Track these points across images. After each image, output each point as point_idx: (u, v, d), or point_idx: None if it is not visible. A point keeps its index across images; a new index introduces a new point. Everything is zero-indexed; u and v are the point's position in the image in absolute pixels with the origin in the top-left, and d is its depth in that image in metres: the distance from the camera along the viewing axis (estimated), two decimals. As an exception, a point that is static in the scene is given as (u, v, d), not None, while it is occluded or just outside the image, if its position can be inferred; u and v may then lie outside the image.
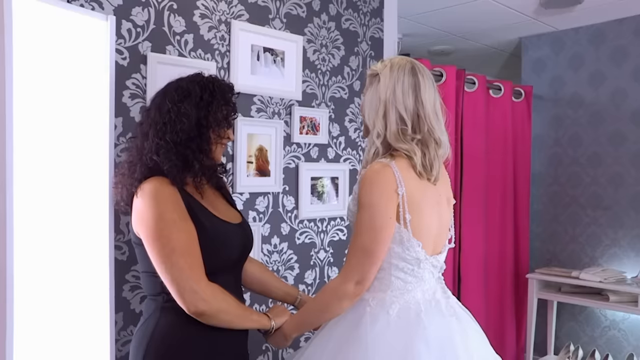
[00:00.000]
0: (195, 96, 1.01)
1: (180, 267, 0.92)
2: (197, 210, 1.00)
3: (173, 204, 0.96)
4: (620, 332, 2.55)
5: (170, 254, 0.92)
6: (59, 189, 1.03)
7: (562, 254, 2.75)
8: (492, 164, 2.54)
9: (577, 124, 2.71)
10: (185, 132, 0.99)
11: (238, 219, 1.12)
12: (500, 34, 2.82)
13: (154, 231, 0.94)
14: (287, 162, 1.79)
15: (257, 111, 1.70)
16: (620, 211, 2.55)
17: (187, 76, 1.07)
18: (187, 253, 0.93)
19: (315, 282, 1.87)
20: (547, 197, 2.81)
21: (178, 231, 0.94)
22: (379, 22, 2.06)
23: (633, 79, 2.53)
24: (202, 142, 1.02)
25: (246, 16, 1.65)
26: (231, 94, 1.08)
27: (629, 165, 2.54)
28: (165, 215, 0.94)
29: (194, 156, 1.00)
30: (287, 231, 1.78)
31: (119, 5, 1.36)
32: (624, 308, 2.32)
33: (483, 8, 2.38)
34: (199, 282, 0.93)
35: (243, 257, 1.11)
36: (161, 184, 0.97)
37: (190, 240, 0.95)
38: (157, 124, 1.00)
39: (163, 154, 0.98)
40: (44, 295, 0.99)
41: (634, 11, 2.45)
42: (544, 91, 2.83)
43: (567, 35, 2.73)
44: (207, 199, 1.07)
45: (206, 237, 0.98)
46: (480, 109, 2.47)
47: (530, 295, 2.58)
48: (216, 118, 1.02)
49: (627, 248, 2.53)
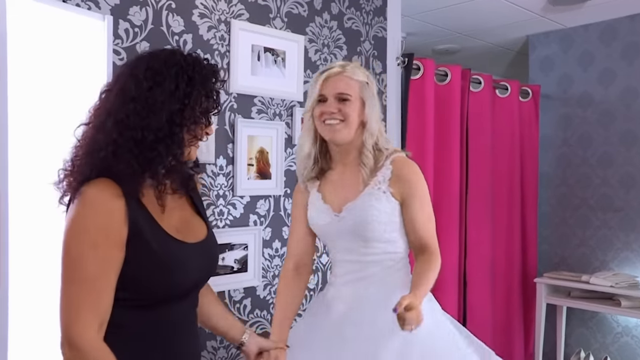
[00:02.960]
0: (170, 84, 0.80)
1: (72, 303, 0.76)
2: (147, 228, 0.81)
3: (105, 220, 0.77)
4: (633, 339, 2.48)
5: (71, 281, 0.76)
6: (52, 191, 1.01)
7: (572, 258, 2.69)
8: (499, 165, 2.50)
9: (587, 124, 2.65)
10: (152, 131, 0.79)
11: (202, 234, 0.92)
12: (507, 32, 2.78)
13: (66, 246, 0.77)
14: (289, 165, 1.76)
15: (257, 112, 1.68)
16: (632, 213, 2.49)
17: (162, 52, 0.85)
18: (90, 288, 0.76)
19: (318, 287, 1.84)
20: (556, 199, 2.76)
21: (93, 258, 0.76)
22: (382, 21, 2.04)
23: (645, 77, 2.47)
24: (173, 143, 0.81)
25: (246, 15, 1.63)
26: (215, 81, 0.86)
27: (642, 166, 2.48)
28: (87, 233, 0.76)
29: (160, 160, 0.80)
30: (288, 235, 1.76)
31: (116, 4, 1.35)
32: (636, 314, 2.26)
33: (489, 5, 2.35)
34: (83, 333, 0.75)
35: (201, 282, 0.93)
36: (101, 192, 0.78)
37: (102, 273, 0.77)
38: (118, 113, 0.79)
39: (119, 154, 0.78)
40: (39, 295, 0.97)
41: (647, 7, 2.40)
42: (552, 90, 2.78)
43: (576, 32, 2.68)
44: (167, 209, 0.87)
45: (152, 262, 0.81)
46: (486, 109, 2.44)
47: (539, 300, 2.53)
48: (193, 114, 0.82)
49: (640, 252, 2.47)
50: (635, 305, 2.27)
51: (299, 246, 1.22)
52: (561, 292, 2.54)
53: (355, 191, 1.12)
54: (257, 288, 1.69)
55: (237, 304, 1.61)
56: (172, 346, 0.87)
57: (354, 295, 1.12)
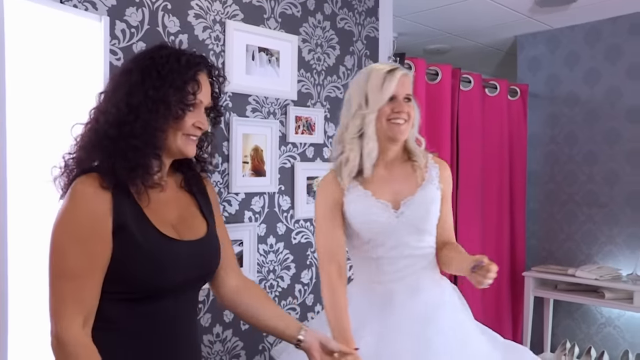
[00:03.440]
0: (137, 78, 0.82)
1: (57, 297, 0.78)
2: (133, 222, 0.81)
3: (90, 214, 0.78)
4: (615, 329, 2.56)
5: (56, 276, 0.78)
6: (53, 189, 1.03)
7: (558, 252, 2.76)
8: (488, 162, 2.55)
9: (573, 122, 2.72)
10: (128, 125, 0.81)
11: (201, 232, 0.92)
12: (496, 33, 2.83)
13: (52, 241, 0.79)
14: (283, 162, 1.79)
15: (252, 111, 1.70)
16: (615, 209, 2.57)
17: (147, 48, 0.89)
18: (74, 283, 0.77)
19: (312, 282, 1.87)
20: (543, 195, 2.82)
21: (77, 252, 0.77)
22: (374, 21, 2.07)
23: (627, 77, 2.54)
24: (148, 135, 0.81)
25: (241, 16, 1.66)
26: (194, 72, 0.85)
27: (624, 163, 2.55)
28: (72, 227, 0.78)
29: (138, 154, 0.81)
30: (283, 231, 1.79)
31: (113, 5, 1.36)
32: (619, 305, 2.34)
33: (479, 6, 2.39)
34: (68, 327, 0.76)
35: (191, 281, 0.91)
36: (87, 186, 0.79)
37: (87, 268, 0.78)
38: (101, 111, 0.84)
39: (103, 149, 0.81)
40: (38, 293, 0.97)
41: (628, 9, 2.46)
42: (539, 89, 2.84)
43: (563, 33, 2.74)
44: (162, 205, 0.88)
45: (137, 256, 0.81)
46: (476, 107, 2.48)
47: (527, 293, 2.60)
48: (166, 106, 0.82)
49: (623, 245, 2.54)
50: (618, 297, 2.34)
51: (342, 250, 1.16)
52: (548, 285, 2.61)
53: (410, 186, 1.16)
54: (252, 283, 1.72)
55: (233, 298, 1.64)
56: (163, 341, 0.86)
57: (409, 289, 1.13)
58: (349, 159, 1.14)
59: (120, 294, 0.82)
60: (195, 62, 0.86)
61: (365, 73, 1.15)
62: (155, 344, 0.85)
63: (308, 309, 1.86)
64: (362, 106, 1.12)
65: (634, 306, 2.28)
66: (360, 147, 1.14)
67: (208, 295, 1.58)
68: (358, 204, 1.14)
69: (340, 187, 1.16)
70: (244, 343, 1.68)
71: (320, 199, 1.19)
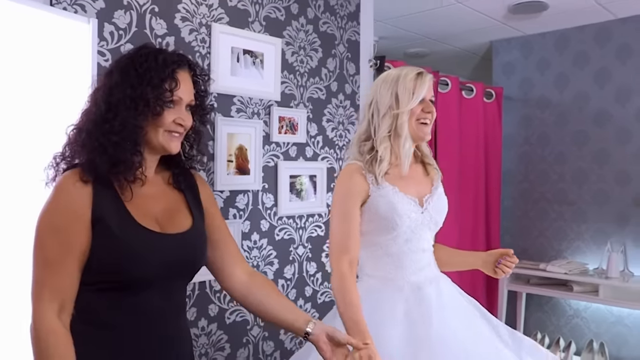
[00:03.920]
0: (117, 77, 0.86)
1: (35, 284, 0.82)
2: (114, 214, 0.84)
3: (67, 207, 0.82)
4: (582, 320, 2.70)
5: (35, 264, 0.82)
6: (39, 190, 1.00)
7: (531, 248, 2.87)
8: (465, 162, 2.63)
9: (545, 124, 2.85)
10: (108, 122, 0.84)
11: (184, 227, 0.93)
12: (472, 38, 2.93)
13: (36, 231, 0.83)
14: (267, 161, 1.83)
15: (237, 111, 1.74)
16: (584, 206, 2.70)
17: (121, 54, 0.93)
18: (50, 271, 0.81)
19: (294, 277, 1.92)
20: (517, 193, 2.94)
21: (54, 242, 0.81)
22: (356, 25, 2.12)
23: (594, 82, 2.68)
24: (127, 131, 0.84)
25: (226, 19, 1.69)
26: (171, 69, 0.87)
27: (592, 163, 2.69)
28: (51, 218, 0.82)
29: (117, 149, 0.84)
30: (266, 228, 1.83)
31: (102, 8, 1.39)
32: (586, 298, 2.46)
33: (456, 12, 2.47)
34: (43, 314, 0.80)
35: (175, 274, 0.91)
36: (68, 180, 0.84)
37: (62, 257, 0.81)
38: (86, 110, 0.88)
39: (87, 145, 0.85)
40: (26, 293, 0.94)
41: (594, 19, 2.59)
42: (513, 92, 2.95)
43: (535, 39, 2.86)
44: (146, 200, 0.90)
45: (113, 247, 0.83)
46: (453, 109, 2.56)
47: (501, 288, 2.70)
48: (143, 102, 0.85)
49: (590, 241, 2.68)
50: (585, 290, 2.47)
51: (357, 243, 1.16)
52: (521, 280, 2.72)
53: (426, 185, 1.25)
54: (237, 278, 1.77)
55: (217, 293, 1.68)
56: (151, 333, 0.87)
57: (428, 281, 1.19)
58: (383, 157, 1.17)
59: (101, 284, 0.84)
60: (173, 60, 0.88)
61: (394, 76, 1.20)
62: (141, 337, 0.87)
63: (291, 303, 1.92)
64: (393, 107, 1.17)
65: (599, 298, 2.41)
66: (390, 145, 1.19)
67: (193, 289, 1.61)
68: (391, 198, 1.15)
69: (366, 181, 1.17)
70: (229, 336, 1.71)
71: (345, 189, 1.17)
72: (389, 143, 1.19)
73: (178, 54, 0.91)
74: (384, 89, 1.20)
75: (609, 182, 2.62)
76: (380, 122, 1.18)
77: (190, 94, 0.92)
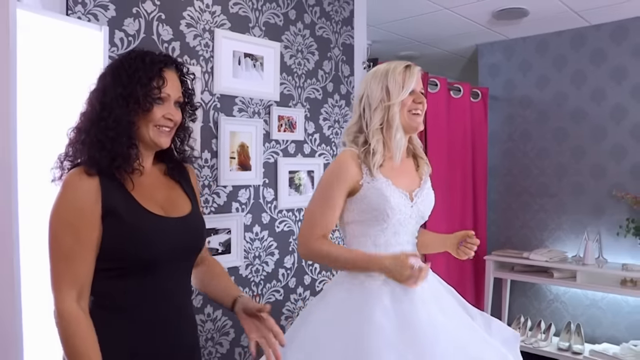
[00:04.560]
0: (109, 78, 0.92)
1: (54, 276, 0.87)
2: (121, 204, 0.89)
3: (77, 202, 0.87)
4: (562, 304, 2.86)
5: (52, 257, 0.87)
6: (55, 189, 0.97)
7: (515, 238, 3.02)
8: (453, 158, 2.74)
9: (527, 122, 2.99)
10: (103, 119, 0.90)
11: (185, 211, 0.99)
12: (459, 41, 3.04)
13: (48, 227, 0.88)
14: (267, 158, 1.91)
15: (238, 111, 1.83)
16: (564, 198, 2.85)
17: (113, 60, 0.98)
18: (67, 263, 0.86)
19: (294, 267, 2.01)
20: (502, 187, 3.08)
21: (68, 235, 0.86)
22: (350, 30, 2.22)
23: (572, 83, 2.83)
24: (121, 128, 0.90)
25: (228, 25, 1.78)
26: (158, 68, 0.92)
27: (570, 157, 2.85)
28: (63, 214, 0.87)
29: (114, 145, 0.89)
30: (267, 220, 1.91)
31: (113, 17, 1.47)
32: (565, 283, 2.61)
33: (443, 18, 2.59)
34: (63, 302, 0.85)
35: (181, 256, 0.97)
36: (75, 176, 0.88)
37: (77, 249, 0.86)
38: (85, 110, 0.93)
39: (88, 143, 0.90)
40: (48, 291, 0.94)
41: (570, 25, 2.74)
42: (498, 92, 3.09)
43: (517, 43, 3.00)
44: (148, 188, 0.95)
45: (125, 233, 0.88)
46: (442, 108, 2.67)
47: (488, 275, 2.84)
48: (134, 100, 0.91)
49: (569, 231, 2.84)
50: (564, 276, 2.63)
51: (332, 228, 1.17)
52: (506, 267, 2.87)
53: (416, 179, 1.24)
54: (239, 268, 1.79)
55: (222, 281, 1.78)
56: (161, 313, 0.92)
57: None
58: (376, 150, 1.16)
59: (115, 271, 0.89)
60: (159, 60, 0.94)
61: (383, 70, 1.19)
62: (154, 316, 0.92)
63: (291, 291, 1.99)
64: (384, 100, 1.16)
65: (577, 283, 2.56)
66: (383, 138, 1.18)
67: (201, 277, 1.71)
68: (384, 191, 1.14)
69: (361, 171, 1.16)
70: (233, 322, 1.79)
71: (337, 173, 1.17)
72: (381, 135, 1.18)
73: (164, 55, 0.96)
74: (374, 83, 1.19)
75: (585, 175, 2.77)
76: (372, 115, 1.18)
77: (177, 91, 0.97)
